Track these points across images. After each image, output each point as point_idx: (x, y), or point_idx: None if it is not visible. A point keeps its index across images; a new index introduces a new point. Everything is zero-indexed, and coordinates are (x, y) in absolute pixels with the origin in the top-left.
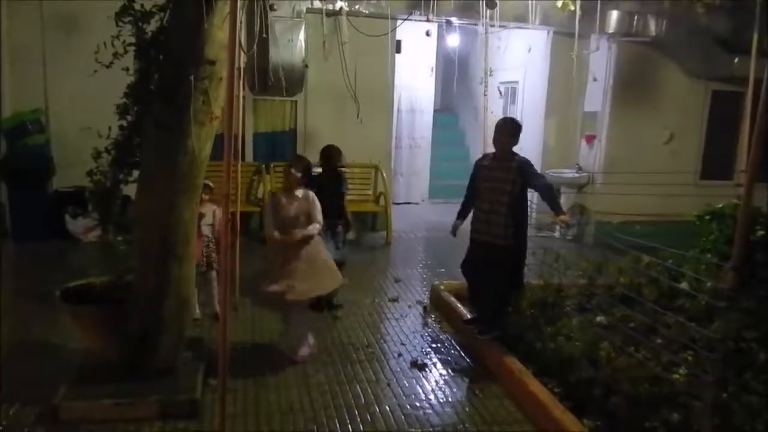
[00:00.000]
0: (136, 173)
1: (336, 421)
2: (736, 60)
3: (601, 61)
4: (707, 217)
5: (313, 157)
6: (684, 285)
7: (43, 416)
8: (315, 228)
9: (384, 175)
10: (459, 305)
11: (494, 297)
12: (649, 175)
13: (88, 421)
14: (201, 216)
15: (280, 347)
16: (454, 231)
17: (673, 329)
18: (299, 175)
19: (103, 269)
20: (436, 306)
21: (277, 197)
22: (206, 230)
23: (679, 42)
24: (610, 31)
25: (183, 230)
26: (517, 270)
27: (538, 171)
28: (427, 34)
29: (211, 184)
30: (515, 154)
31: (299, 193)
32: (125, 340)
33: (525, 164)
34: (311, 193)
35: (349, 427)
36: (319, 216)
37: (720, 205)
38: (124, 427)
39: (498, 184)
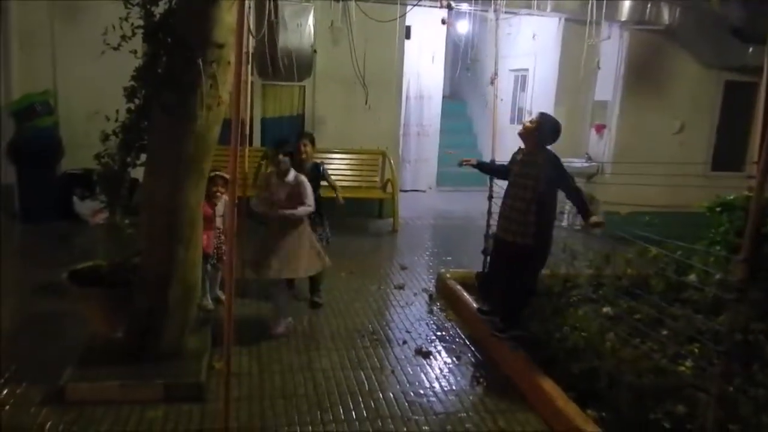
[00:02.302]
0: (143, 156)
1: (340, 407)
2: (750, 49)
3: (612, 49)
4: (717, 209)
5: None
6: (692, 277)
7: (49, 396)
8: (302, 210)
9: (392, 161)
10: (465, 294)
11: (515, 295)
12: (659, 166)
13: (93, 402)
14: (213, 206)
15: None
16: (461, 163)
17: (679, 321)
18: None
19: (110, 251)
20: (442, 294)
21: (270, 178)
22: (218, 221)
23: (693, 31)
24: (623, 18)
25: (189, 214)
26: (538, 270)
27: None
28: (443, 22)
29: (227, 176)
30: (545, 150)
31: (290, 177)
32: (131, 322)
33: (554, 160)
34: (301, 177)
35: (353, 413)
36: (309, 200)
37: (731, 197)
38: (129, 408)
39: (522, 179)
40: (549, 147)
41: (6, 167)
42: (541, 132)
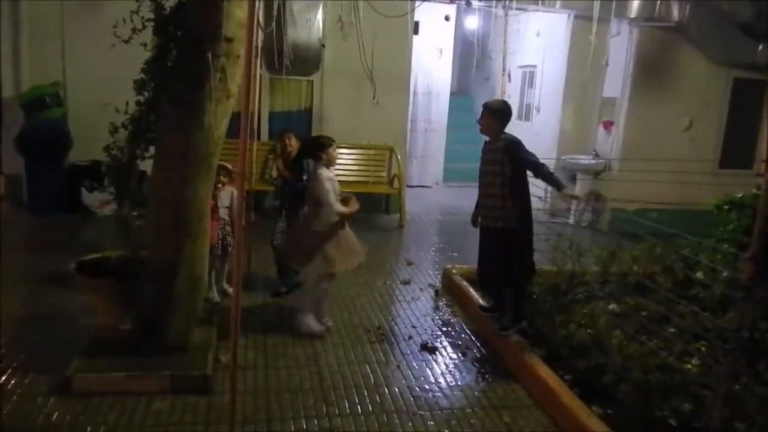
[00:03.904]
0: (152, 149)
1: (345, 401)
2: (759, 47)
3: (621, 46)
4: (726, 207)
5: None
6: (699, 274)
7: (56, 387)
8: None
9: (399, 157)
10: (471, 289)
11: (509, 287)
12: (666, 163)
13: (100, 393)
14: (215, 197)
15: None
16: (474, 222)
17: (686, 319)
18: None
19: (118, 243)
20: (448, 290)
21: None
22: (223, 213)
23: (702, 28)
24: (632, 15)
25: (197, 207)
26: (525, 254)
27: (533, 152)
28: (447, 18)
29: (230, 167)
30: (504, 134)
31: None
32: (138, 314)
33: (512, 143)
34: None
35: (359, 407)
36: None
37: (739, 195)
38: (135, 399)
39: (490, 166)
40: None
41: (15, 158)
42: (492, 119)
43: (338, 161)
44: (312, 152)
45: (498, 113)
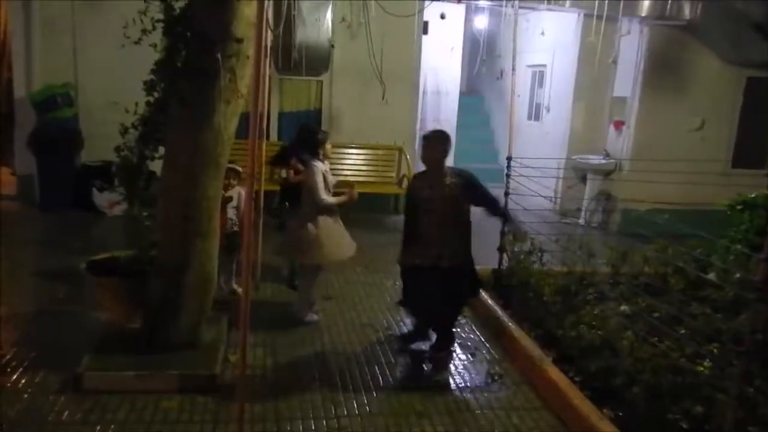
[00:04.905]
0: (162, 149)
1: (354, 401)
2: None
3: (631, 45)
4: (738, 207)
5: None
6: (711, 275)
7: (66, 385)
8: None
9: (408, 157)
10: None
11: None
12: (678, 163)
13: (109, 391)
14: (228, 199)
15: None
16: (405, 261)
17: (698, 320)
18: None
19: (127, 243)
20: None
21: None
22: (230, 213)
23: (714, 26)
24: (643, 14)
25: (206, 206)
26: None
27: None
28: (442, 16)
29: (239, 169)
30: (454, 169)
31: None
32: (147, 312)
33: (473, 180)
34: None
35: (367, 408)
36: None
37: (752, 195)
38: (144, 398)
39: (447, 203)
40: None
41: (28, 157)
42: (435, 150)
43: (347, 161)
44: (310, 147)
45: (439, 143)
